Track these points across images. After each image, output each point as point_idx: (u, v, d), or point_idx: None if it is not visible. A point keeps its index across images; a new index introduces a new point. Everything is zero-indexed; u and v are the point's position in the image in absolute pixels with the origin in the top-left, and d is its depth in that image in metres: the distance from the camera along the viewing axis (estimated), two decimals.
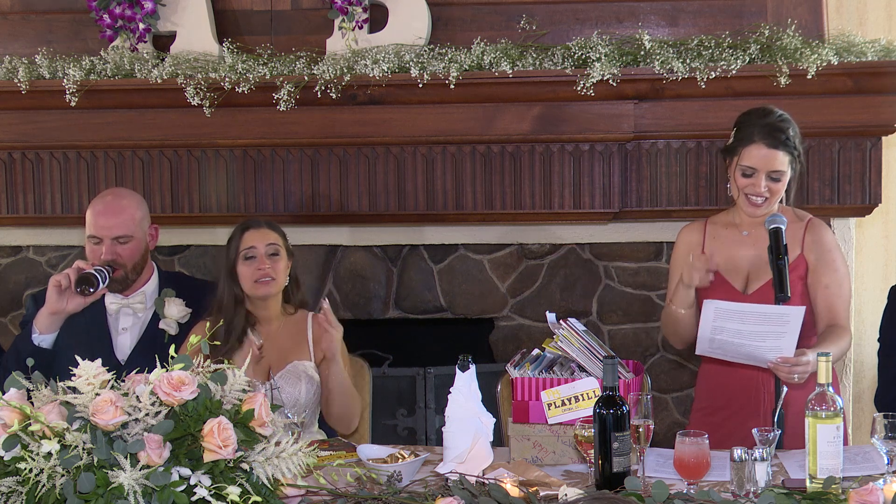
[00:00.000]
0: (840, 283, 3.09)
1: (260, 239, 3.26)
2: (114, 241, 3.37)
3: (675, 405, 4.33)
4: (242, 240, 3.26)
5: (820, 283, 3.07)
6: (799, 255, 3.08)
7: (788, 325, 2.80)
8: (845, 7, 4.44)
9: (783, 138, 3.00)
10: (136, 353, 3.41)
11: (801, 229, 3.11)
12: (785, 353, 2.82)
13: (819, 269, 3.08)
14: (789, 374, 2.84)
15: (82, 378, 2.21)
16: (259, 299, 3.26)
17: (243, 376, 2.30)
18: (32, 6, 4.27)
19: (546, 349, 3.00)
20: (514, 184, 4.04)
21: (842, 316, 3.07)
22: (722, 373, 3.15)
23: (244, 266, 3.24)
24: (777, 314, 2.83)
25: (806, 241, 3.09)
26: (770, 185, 3.02)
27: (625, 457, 2.52)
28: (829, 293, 3.06)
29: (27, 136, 4.13)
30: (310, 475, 2.38)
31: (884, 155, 3.99)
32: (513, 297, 4.32)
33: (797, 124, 3.09)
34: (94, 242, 3.40)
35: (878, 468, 2.63)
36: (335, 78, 3.87)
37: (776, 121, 3.04)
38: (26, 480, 2.14)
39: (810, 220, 3.14)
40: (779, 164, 3.01)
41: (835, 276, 3.08)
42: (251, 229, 3.28)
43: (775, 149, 3.00)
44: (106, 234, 3.37)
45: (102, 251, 3.37)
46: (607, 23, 4.07)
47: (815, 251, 3.08)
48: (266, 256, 3.24)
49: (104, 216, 3.39)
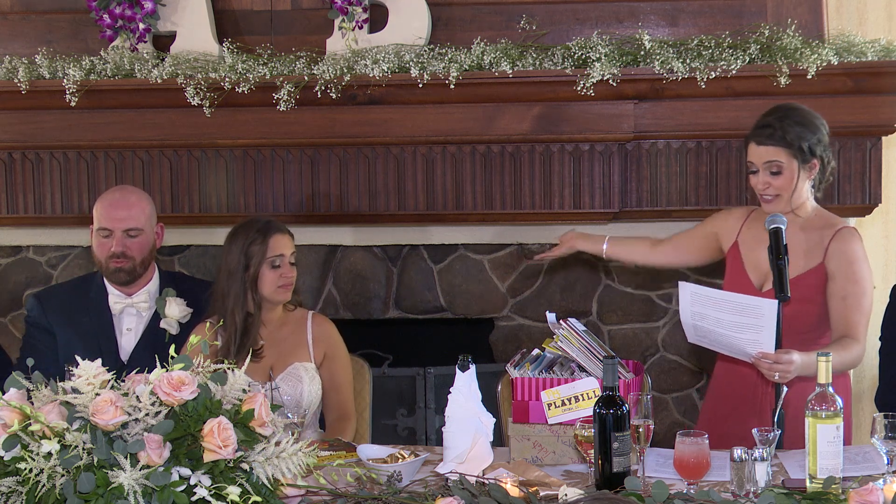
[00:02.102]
0: (859, 297, 3.02)
1: (287, 246, 3.24)
2: (124, 233, 3.37)
3: (675, 405, 4.33)
4: (269, 246, 3.20)
5: (838, 293, 3.02)
6: (819, 264, 3.05)
7: (764, 318, 2.77)
8: (845, 7, 4.44)
9: (770, 132, 3.02)
10: (138, 353, 3.41)
11: (829, 238, 3.06)
12: (765, 347, 2.80)
13: (839, 279, 3.03)
14: (769, 370, 2.81)
15: (82, 378, 2.21)
16: (277, 303, 3.26)
17: (243, 376, 2.30)
18: (32, 6, 4.27)
19: (546, 349, 3.00)
20: (514, 184, 4.04)
21: (857, 330, 2.99)
22: (732, 371, 3.15)
23: (270, 272, 3.20)
24: (750, 305, 2.80)
25: (830, 249, 3.05)
26: (770, 179, 3.03)
27: (625, 457, 2.52)
28: (847, 305, 3.01)
29: (27, 136, 4.13)
30: (310, 475, 2.38)
31: (884, 155, 3.99)
32: (513, 297, 4.32)
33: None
34: (104, 235, 3.38)
35: (878, 468, 2.63)
36: (335, 78, 3.87)
37: (773, 118, 3.05)
38: (26, 480, 2.14)
39: (840, 230, 3.08)
40: (770, 156, 3.02)
41: (854, 288, 3.01)
42: (277, 234, 3.23)
43: (765, 145, 3.04)
44: (117, 226, 3.37)
45: (112, 244, 3.37)
46: (607, 23, 4.07)
47: (837, 260, 3.03)
48: (289, 264, 3.24)
49: (116, 209, 3.39)
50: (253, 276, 3.20)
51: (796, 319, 2.99)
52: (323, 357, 3.30)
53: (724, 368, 3.22)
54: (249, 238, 3.21)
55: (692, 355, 4.24)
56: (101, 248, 3.40)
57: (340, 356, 3.35)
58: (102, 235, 3.39)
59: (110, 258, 3.38)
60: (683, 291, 2.90)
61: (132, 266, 3.39)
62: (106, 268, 3.41)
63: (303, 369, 3.25)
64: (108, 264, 3.39)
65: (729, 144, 3.97)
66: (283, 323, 3.31)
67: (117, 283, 3.42)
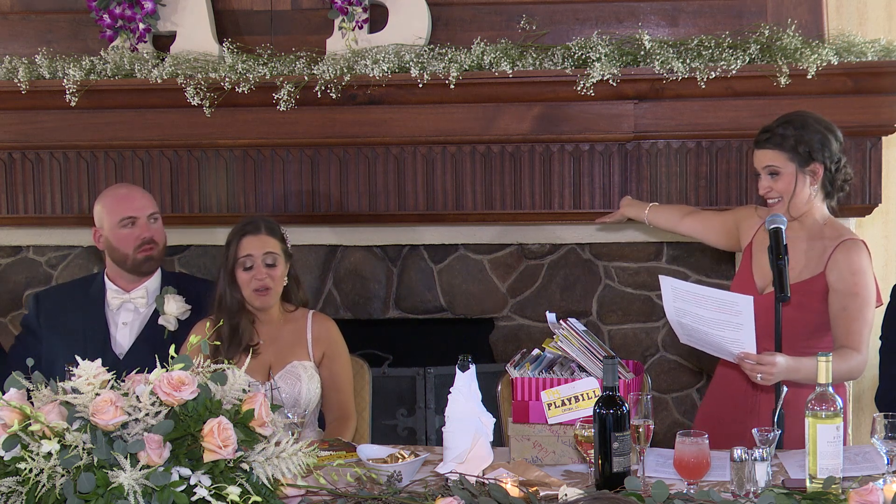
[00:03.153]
0: (861, 308, 2.99)
1: (258, 247, 3.22)
2: (148, 218, 3.42)
3: (675, 405, 4.33)
4: (240, 247, 3.22)
5: (839, 304, 3.01)
6: (820, 274, 3.04)
7: (742, 316, 2.76)
8: (845, 7, 4.44)
9: (768, 136, 3.07)
10: (135, 349, 3.41)
11: (832, 248, 3.05)
12: (746, 347, 2.80)
13: (839, 290, 3.01)
14: (752, 371, 2.81)
15: (82, 378, 2.21)
16: (257, 307, 3.26)
17: (243, 376, 2.30)
18: (32, 6, 4.27)
19: (546, 349, 3.00)
20: (514, 184, 4.04)
21: (858, 341, 2.97)
22: (727, 376, 3.15)
23: (242, 273, 3.22)
24: (727, 301, 2.80)
25: (831, 260, 3.03)
26: (770, 183, 3.07)
27: (625, 457, 2.52)
28: (847, 316, 2.99)
29: (27, 136, 4.13)
30: (310, 475, 2.38)
31: (884, 155, 3.99)
32: (513, 297, 4.32)
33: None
34: (128, 224, 3.39)
35: (878, 468, 2.63)
36: (335, 78, 3.87)
37: (775, 123, 3.09)
38: (26, 480, 2.14)
39: (844, 241, 3.06)
40: (768, 159, 3.06)
41: (855, 300, 2.99)
42: (249, 235, 3.23)
43: (762, 148, 3.08)
44: (142, 212, 3.41)
45: (139, 231, 3.39)
46: (607, 23, 4.07)
47: (838, 272, 3.01)
48: (263, 266, 3.22)
49: (132, 199, 3.44)
50: (230, 276, 3.23)
51: (795, 326, 2.98)
52: (322, 356, 3.30)
53: (723, 373, 3.22)
54: (229, 238, 3.27)
55: (692, 355, 4.23)
56: (126, 240, 3.40)
57: (340, 355, 3.35)
58: (125, 225, 3.40)
59: (139, 247, 3.40)
60: (665, 285, 2.91)
61: (159, 252, 3.45)
62: (134, 259, 3.41)
63: (301, 368, 3.25)
64: (137, 255, 3.41)
65: (729, 144, 3.97)
66: (283, 322, 3.32)
67: (147, 272, 3.44)
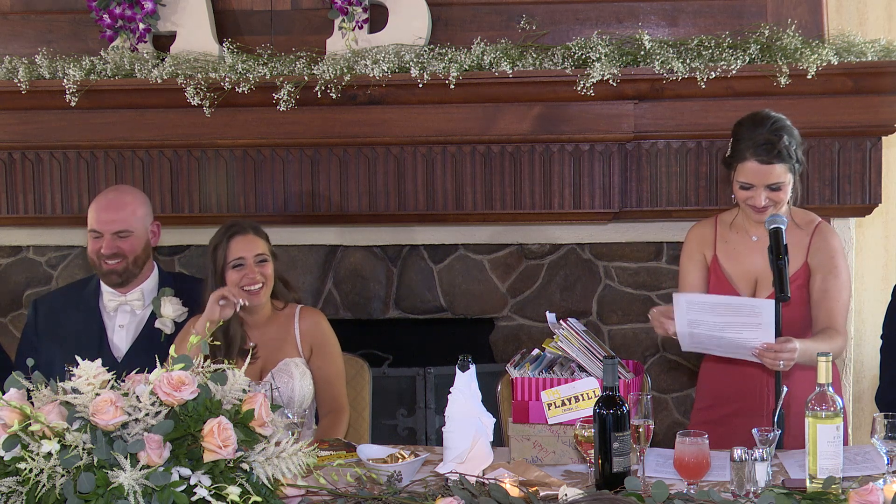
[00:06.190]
0: (840, 290, 3.05)
1: (248, 249, 3.23)
2: (114, 235, 3.40)
3: (675, 405, 4.33)
4: (230, 249, 3.22)
5: (820, 287, 3.04)
6: (804, 264, 3.06)
7: (762, 317, 2.78)
8: (845, 7, 4.44)
9: (775, 152, 2.93)
10: (133, 352, 3.42)
11: (808, 235, 3.08)
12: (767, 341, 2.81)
13: (820, 273, 3.05)
14: (774, 360, 2.81)
15: (82, 378, 2.21)
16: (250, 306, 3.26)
17: (243, 376, 2.30)
18: (32, 6, 4.27)
19: (546, 349, 3.00)
20: (514, 184, 4.04)
21: (839, 321, 3.03)
22: (723, 371, 3.15)
23: (233, 273, 3.22)
24: (747, 306, 2.81)
25: (812, 245, 3.07)
26: (770, 195, 2.98)
27: (625, 457, 2.52)
28: (828, 297, 3.03)
29: (27, 136, 4.13)
30: (310, 475, 2.38)
31: (884, 155, 3.98)
32: (513, 297, 4.32)
33: (797, 125, 3.05)
34: (95, 236, 3.43)
35: (878, 468, 2.63)
36: (335, 78, 3.87)
37: (769, 133, 2.95)
38: (26, 480, 2.14)
39: (818, 225, 3.10)
40: (775, 177, 2.96)
41: (836, 282, 3.04)
42: (237, 236, 3.24)
43: (769, 164, 2.95)
44: (106, 228, 3.40)
45: (103, 245, 3.40)
46: (607, 23, 4.07)
47: (818, 256, 3.06)
48: (255, 265, 3.23)
49: (105, 211, 3.42)
50: (219, 279, 3.23)
51: (793, 323, 2.99)
52: (311, 351, 3.30)
53: (713, 369, 3.21)
54: (215, 241, 3.26)
55: (692, 355, 4.23)
56: (92, 249, 3.45)
57: (328, 347, 3.33)
58: (93, 237, 3.43)
59: (101, 259, 3.42)
60: (678, 302, 2.86)
61: (125, 266, 3.42)
62: (99, 268, 3.45)
63: (293, 365, 3.25)
64: (101, 265, 3.43)
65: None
66: (271, 321, 3.31)
67: (110, 284, 3.46)
